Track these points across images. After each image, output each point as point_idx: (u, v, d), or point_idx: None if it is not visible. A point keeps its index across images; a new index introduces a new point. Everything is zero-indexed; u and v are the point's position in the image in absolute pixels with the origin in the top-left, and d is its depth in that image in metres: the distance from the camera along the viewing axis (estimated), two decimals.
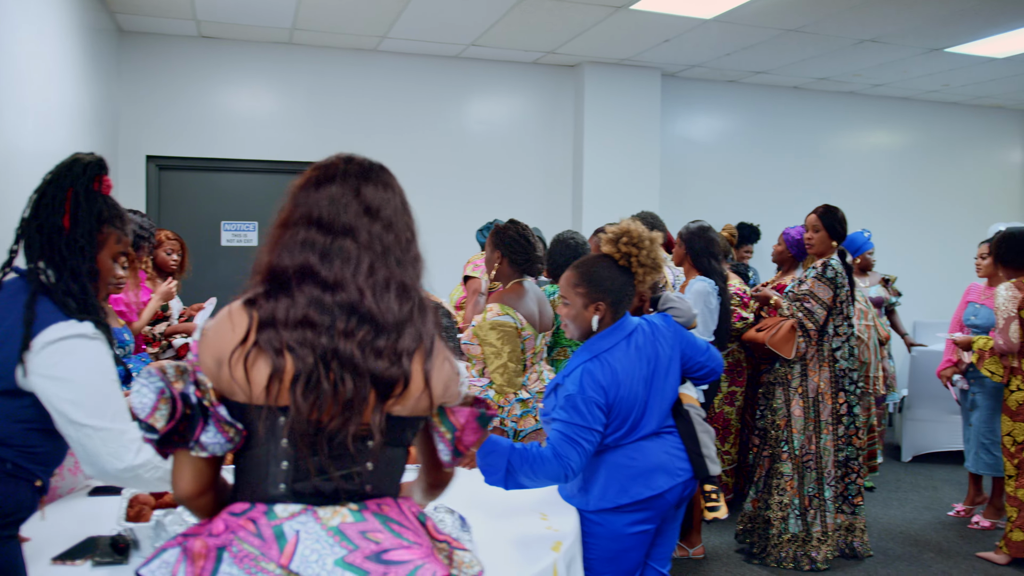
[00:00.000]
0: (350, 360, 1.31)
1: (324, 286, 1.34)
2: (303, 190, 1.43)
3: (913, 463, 6.30)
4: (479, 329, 3.03)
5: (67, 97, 4.45)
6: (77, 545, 2.05)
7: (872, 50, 6.36)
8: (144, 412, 1.27)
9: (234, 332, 1.32)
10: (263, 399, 1.30)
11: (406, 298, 1.39)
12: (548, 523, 2.28)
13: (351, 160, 1.48)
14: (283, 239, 1.39)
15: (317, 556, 1.25)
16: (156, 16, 5.64)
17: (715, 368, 2.65)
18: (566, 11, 5.44)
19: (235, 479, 1.39)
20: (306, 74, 6.47)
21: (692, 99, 7.64)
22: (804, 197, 7.43)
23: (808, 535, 4.00)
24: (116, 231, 1.91)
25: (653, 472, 2.41)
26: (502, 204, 6.79)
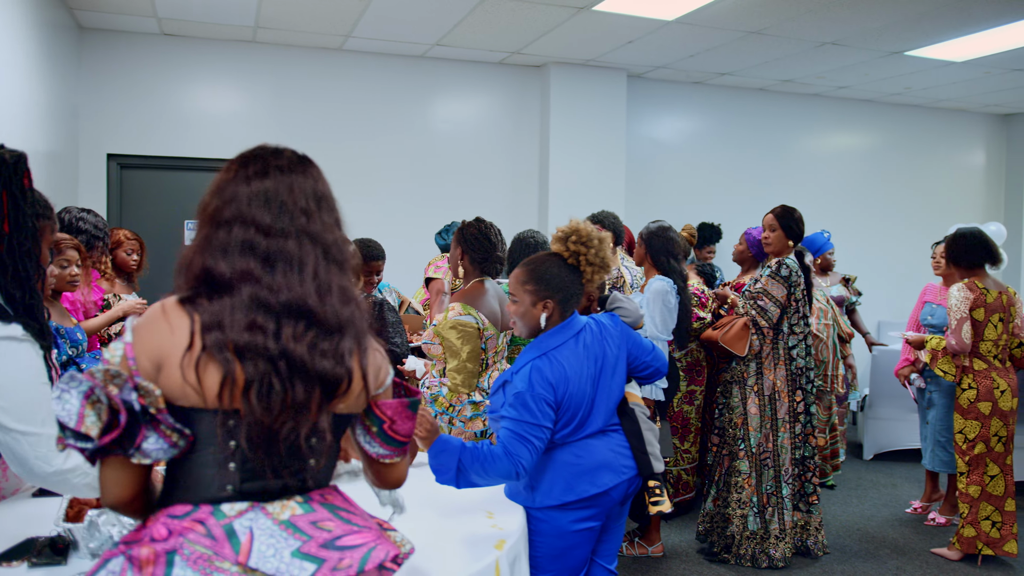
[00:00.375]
0: (300, 363, 1.30)
1: (269, 289, 1.31)
2: (232, 185, 1.38)
3: (874, 461, 6.38)
4: (440, 328, 3.01)
5: (22, 94, 4.39)
6: (15, 546, 2.01)
7: (834, 53, 6.44)
8: (72, 420, 1.20)
9: (173, 334, 1.28)
10: (216, 404, 1.28)
11: (347, 299, 1.38)
12: (494, 521, 2.28)
13: (280, 153, 1.44)
14: (216, 239, 1.34)
15: (274, 550, 1.26)
16: (116, 13, 5.58)
17: (659, 368, 2.67)
18: (528, 12, 5.45)
19: (170, 482, 1.35)
20: (270, 73, 6.44)
21: (658, 100, 7.69)
22: (769, 197, 7.49)
23: (766, 533, 4.04)
24: (49, 223, 1.88)
25: (599, 470, 2.42)
26: (468, 204, 6.79)
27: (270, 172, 1.38)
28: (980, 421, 4.13)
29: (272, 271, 1.32)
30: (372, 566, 1.30)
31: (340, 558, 1.28)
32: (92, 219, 3.88)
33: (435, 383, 3.03)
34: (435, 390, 3.00)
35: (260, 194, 1.35)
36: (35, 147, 4.64)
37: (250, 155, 1.42)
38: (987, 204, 9.35)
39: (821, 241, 5.55)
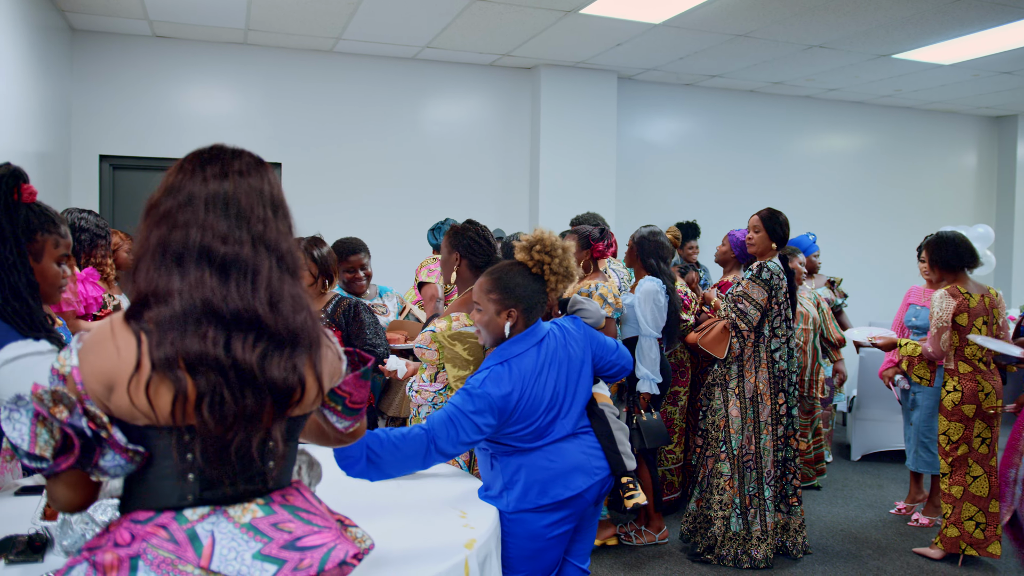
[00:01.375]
0: (251, 375, 1.29)
1: (220, 298, 1.28)
2: (189, 184, 1.34)
3: (862, 462, 6.41)
4: (440, 336, 2.92)
5: (14, 96, 4.42)
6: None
7: (822, 55, 6.48)
8: (24, 442, 1.20)
9: (120, 355, 1.26)
10: (169, 422, 1.27)
11: (299, 307, 1.38)
12: (466, 521, 2.30)
13: (240, 155, 1.41)
14: (170, 243, 1.30)
15: (235, 553, 1.28)
16: (108, 15, 5.61)
17: (625, 365, 2.71)
18: (517, 14, 5.49)
19: (131, 492, 1.35)
20: (261, 74, 6.47)
21: (649, 102, 7.72)
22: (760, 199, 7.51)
23: (748, 534, 4.07)
24: (51, 236, 1.91)
25: (571, 473, 2.45)
26: (459, 205, 6.83)
27: (229, 175, 1.35)
28: (964, 423, 4.16)
29: (225, 280, 1.29)
30: (332, 565, 1.32)
31: (301, 559, 1.30)
32: (93, 219, 3.92)
33: (426, 388, 2.98)
34: (429, 397, 2.95)
35: (218, 198, 1.33)
36: (27, 148, 4.68)
37: (208, 155, 1.38)
38: (978, 205, 9.39)
39: (807, 243, 5.59)
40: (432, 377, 2.98)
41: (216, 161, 1.37)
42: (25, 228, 1.86)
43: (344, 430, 1.57)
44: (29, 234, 1.87)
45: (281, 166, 6.58)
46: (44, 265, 1.90)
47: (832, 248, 7.95)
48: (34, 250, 1.88)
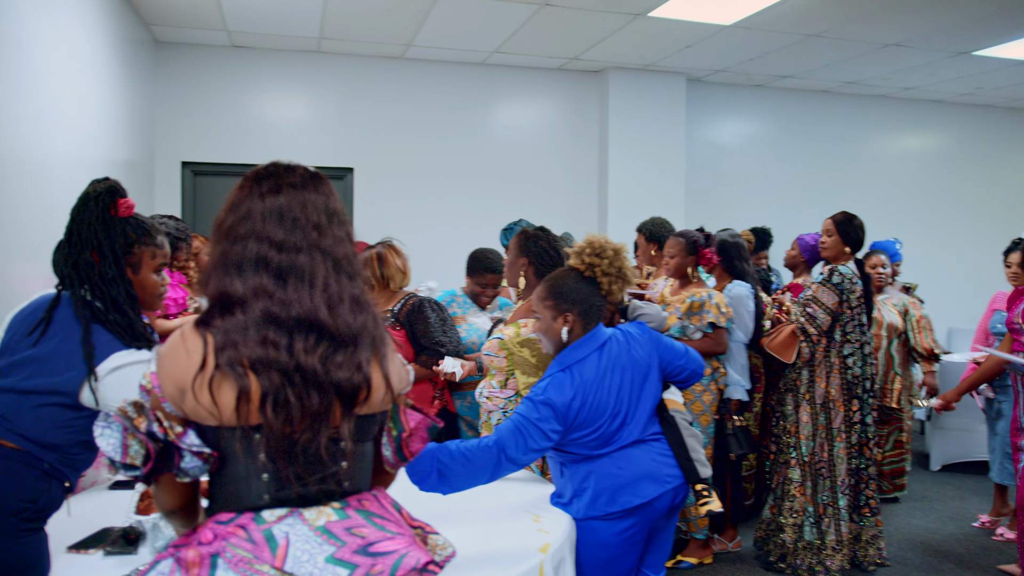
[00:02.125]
0: (314, 375, 1.34)
1: (281, 303, 1.35)
2: (247, 201, 1.42)
3: (942, 472, 6.21)
4: (510, 343, 2.93)
5: (105, 106, 4.62)
6: (91, 535, 2.16)
7: (898, 54, 6.31)
8: (117, 454, 1.29)
9: (189, 359, 1.33)
10: (234, 421, 1.32)
11: (359, 309, 1.43)
12: (540, 525, 2.33)
13: (293, 170, 1.47)
14: (232, 254, 1.38)
15: (308, 556, 1.32)
16: (189, 27, 5.82)
17: (696, 370, 2.66)
18: (585, 19, 5.50)
19: (215, 493, 1.41)
20: (335, 81, 6.62)
21: (718, 103, 7.63)
22: (833, 202, 7.39)
23: (823, 544, 3.99)
24: (148, 248, 1.99)
25: (640, 480, 2.43)
26: (528, 209, 6.85)
27: (283, 189, 1.42)
28: None
29: (284, 285, 1.36)
30: (403, 572, 1.35)
31: (372, 564, 1.33)
32: (173, 224, 4.08)
33: (496, 394, 2.96)
34: (500, 404, 2.94)
35: (274, 210, 1.40)
36: (115, 157, 4.88)
37: (263, 172, 1.46)
38: None
39: (892, 250, 5.43)
40: (502, 384, 2.97)
41: (271, 177, 1.44)
42: (123, 242, 1.94)
43: (384, 460, 1.57)
44: (127, 247, 1.95)
45: (353, 171, 6.71)
46: (143, 276, 1.98)
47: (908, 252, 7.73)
48: (132, 262, 1.96)
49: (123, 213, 1.96)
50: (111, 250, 1.91)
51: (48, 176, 3.41)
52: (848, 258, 4.09)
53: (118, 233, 1.94)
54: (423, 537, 1.51)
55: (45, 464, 1.87)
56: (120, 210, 1.96)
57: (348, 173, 6.74)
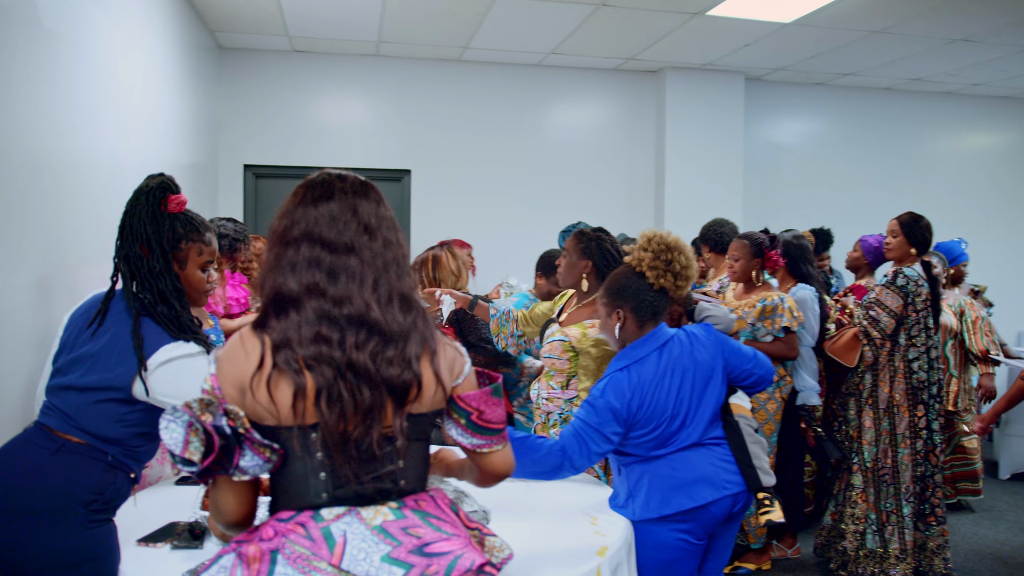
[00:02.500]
0: (365, 371, 1.38)
1: (333, 302, 1.40)
2: (300, 207, 1.47)
3: (1012, 481, 6.02)
4: (577, 343, 2.90)
5: (172, 111, 4.76)
6: (159, 529, 2.23)
7: (965, 49, 6.13)
8: (178, 447, 1.32)
9: (248, 359, 1.38)
10: (291, 419, 1.37)
11: (408, 308, 1.47)
12: (597, 528, 2.32)
13: (344, 178, 1.52)
14: (286, 257, 1.43)
15: (365, 554, 1.34)
16: (252, 33, 5.95)
17: (764, 375, 2.59)
18: (642, 18, 5.46)
19: (276, 492, 1.46)
20: (392, 84, 6.70)
21: (778, 103, 7.52)
22: (896, 202, 7.22)
23: (886, 552, 3.90)
24: (195, 244, 2.05)
25: (695, 483, 2.40)
26: (585, 210, 6.85)
27: (335, 195, 1.47)
28: None
29: (335, 284, 1.40)
30: (458, 573, 1.36)
31: (428, 564, 1.35)
32: (232, 226, 4.19)
33: (557, 395, 2.95)
34: (560, 406, 2.92)
35: (326, 215, 1.45)
36: (181, 160, 5.02)
37: (316, 180, 1.52)
38: None
39: (957, 251, 5.28)
40: (563, 385, 2.95)
41: (323, 184, 1.50)
42: (171, 236, 2.00)
43: (472, 447, 1.58)
44: (175, 242, 2.00)
45: (410, 173, 6.79)
46: (188, 271, 2.03)
47: (976, 253, 7.50)
48: (179, 258, 2.01)
49: (173, 209, 2.02)
50: (159, 244, 1.97)
51: (119, 178, 3.52)
52: (914, 260, 3.99)
53: (166, 228, 2.00)
54: (479, 539, 1.52)
55: (109, 457, 1.94)
56: (171, 206, 2.01)
57: (405, 175, 6.81)
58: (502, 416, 1.58)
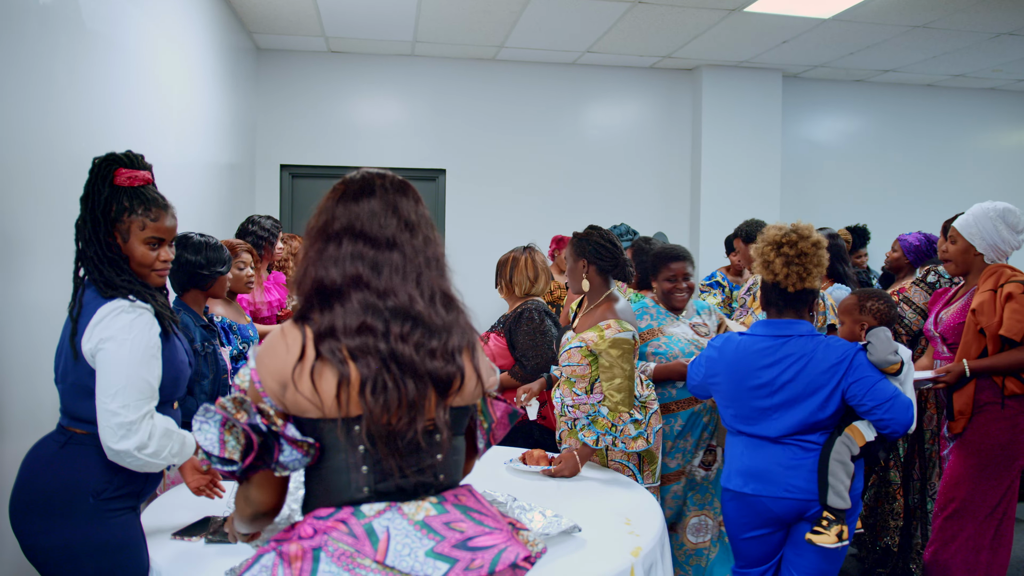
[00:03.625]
0: (409, 362, 1.37)
1: (377, 294, 1.39)
2: (341, 203, 1.47)
3: None
4: (596, 346, 2.87)
5: (210, 111, 4.83)
6: (194, 523, 2.25)
7: (1011, 43, 5.99)
8: (215, 448, 1.31)
9: (289, 352, 1.37)
10: (335, 411, 1.35)
11: (450, 304, 1.47)
12: (631, 528, 2.31)
13: (384, 176, 1.52)
14: (328, 251, 1.43)
15: (409, 550, 1.33)
16: (289, 34, 6.01)
17: (895, 428, 2.44)
18: (679, 15, 5.42)
19: (312, 489, 1.44)
20: (428, 84, 6.72)
21: (816, 100, 7.42)
22: (938, 201, 7.10)
23: (909, 546, 3.89)
24: (138, 219, 2.01)
25: (754, 473, 2.55)
26: (620, 209, 6.83)
27: (376, 191, 1.47)
28: None
29: (379, 277, 1.40)
30: (503, 567, 1.36)
31: (472, 558, 1.35)
32: (270, 222, 4.24)
33: (583, 401, 2.92)
34: (588, 410, 2.88)
35: (367, 211, 1.45)
36: (219, 160, 5.09)
37: (356, 178, 1.52)
38: None
39: None
40: (587, 390, 2.92)
41: (363, 181, 1.50)
42: (115, 209, 1.99)
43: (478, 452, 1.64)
44: (118, 214, 2.00)
45: (445, 172, 6.81)
46: (131, 245, 2.01)
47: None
48: (121, 230, 2.00)
49: (122, 182, 2.01)
50: (96, 213, 1.97)
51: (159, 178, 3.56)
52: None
53: (105, 197, 1.98)
54: (514, 532, 1.52)
55: None
56: (120, 179, 2.00)
57: (440, 175, 6.83)
58: (500, 438, 1.62)
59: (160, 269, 2.09)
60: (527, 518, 2.19)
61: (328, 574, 1.30)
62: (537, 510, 2.24)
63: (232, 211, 5.44)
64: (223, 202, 5.18)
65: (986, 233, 3.29)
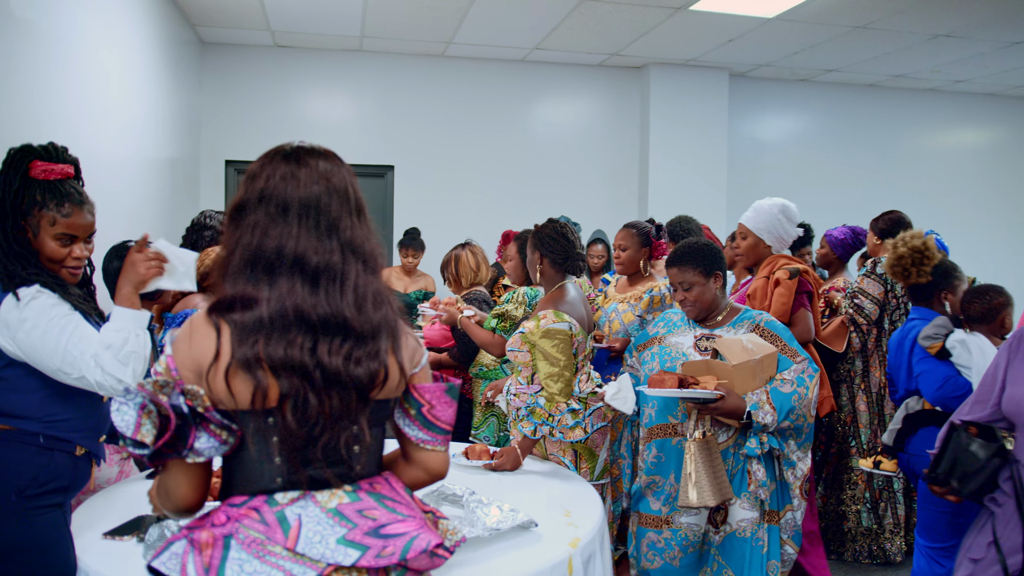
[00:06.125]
0: (335, 374, 1.34)
1: (311, 306, 1.34)
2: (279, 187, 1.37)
3: None
4: (531, 335, 2.92)
5: (151, 106, 4.72)
6: (127, 523, 2.19)
7: (948, 45, 6.16)
8: (129, 430, 1.26)
9: (202, 346, 1.32)
10: (249, 408, 1.32)
11: (380, 302, 1.42)
12: (570, 520, 2.32)
13: (325, 155, 1.44)
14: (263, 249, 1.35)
15: (320, 537, 1.33)
16: (233, 27, 5.91)
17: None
18: (626, 13, 5.46)
19: (228, 477, 1.42)
20: (376, 80, 6.68)
21: (762, 99, 7.53)
22: (880, 198, 7.23)
23: (880, 527, 4.03)
24: (49, 213, 1.97)
25: None
26: (568, 205, 6.86)
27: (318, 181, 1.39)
28: None
29: (316, 287, 1.34)
30: (414, 554, 1.35)
31: (384, 546, 1.34)
32: (217, 215, 4.16)
33: (523, 390, 2.96)
34: (527, 400, 2.91)
35: (311, 207, 1.37)
36: (161, 156, 4.98)
37: (293, 157, 1.41)
38: None
39: None
40: (528, 379, 2.96)
41: (303, 165, 1.40)
42: (25, 201, 1.95)
43: (416, 440, 1.52)
44: (28, 207, 1.96)
45: (394, 169, 6.76)
46: (41, 240, 1.97)
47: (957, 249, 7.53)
48: (31, 224, 1.96)
49: (37, 175, 1.96)
50: (2, 203, 1.94)
51: (96, 174, 3.49)
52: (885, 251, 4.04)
53: (14, 189, 1.94)
54: (433, 521, 1.51)
55: (41, 439, 1.91)
56: (34, 171, 1.96)
57: (389, 171, 6.79)
58: (451, 417, 1.54)
59: (72, 267, 2.03)
60: (484, 512, 2.18)
61: (238, 561, 1.29)
62: (495, 504, 2.24)
63: (175, 207, 5.33)
64: (165, 198, 5.07)
65: (773, 227, 3.65)
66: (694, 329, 2.88)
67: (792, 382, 2.67)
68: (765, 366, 2.68)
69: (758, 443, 2.66)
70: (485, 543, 2.09)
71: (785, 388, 2.66)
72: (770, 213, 3.63)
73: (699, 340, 2.84)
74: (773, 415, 2.61)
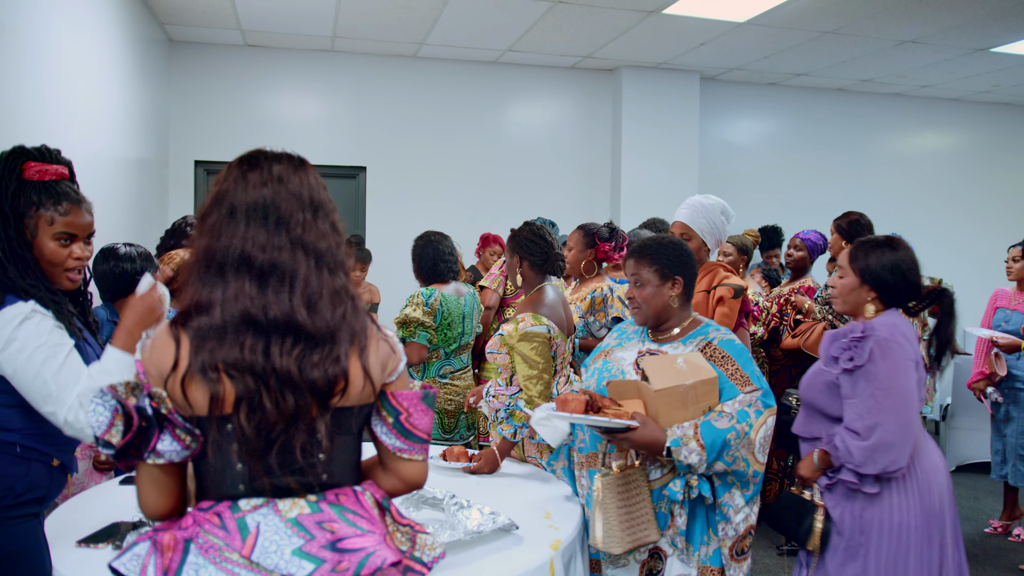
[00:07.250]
0: (288, 377, 1.33)
1: (260, 307, 1.34)
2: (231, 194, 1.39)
3: (956, 473, 6.15)
4: (509, 338, 2.92)
5: (119, 105, 4.65)
6: (101, 530, 2.16)
7: (914, 51, 6.27)
8: (101, 430, 1.29)
9: (163, 356, 1.34)
10: (207, 414, 1.33)
11: (339, 302, 1.40)
12: (551, 522, 2.32)
13: (279, 159, 1.44)
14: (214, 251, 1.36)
15: (276, 547, 1.32)
16: (203, 26, 5.84)
17: None
18: (598, 16, 5.49)
19: (198, 482, 1.42)
20: (347, 80, 6.63)
21: (732, 102, 7.61)
22: (848, 200, 7.34)
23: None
24: (46, 213, 1.93)
25: None
26: (541, 207, 6.87)
27: (269, 183, 1.39)
28: None
29: (264, 288, 1.34)
30: (368, 571, 1.34)
31: (339, 560, 1.32)
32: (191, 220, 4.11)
33: (502, 392, 2.95)
34: (505, 401, 2.91)
35: (258, 207, 1.37)
36: (128, 155, 4.90)
37: (249, 162, 1.43)
38: None
39: None
40: (507, 381, 2.95)
41: (256, 168, 1.41)
42: (22, 203, 1.91)
43: (393, 448, 1.50)
44: (25, 209, 1.91)
45: (365, 170, 6.73)
46: (39, 241, 1.93)
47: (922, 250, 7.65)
48: (29, 225, 1.92)
49: (31, 176, 1.93)
50: (1, 207, 1.89)
51: None
52: None
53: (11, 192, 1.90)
54: (411, 536, 1.48)
55: (17, 448, 1.87)
56: (28, 172, 1.93)
57: (361, 172, 6.75)
58: (429, 426, 1.52)
59: (72, 268, 1.99)
60: (464, 515, 2.17)
61: (195, 566, 1.29)
62: (475, 507, 2.23)
63: (143, 208, 5.25)
64: (132, 198, 4.99)
65: (715, 227, 3.25)
66: (643, 343, 2.47)
67: (732, 416, 2.19)
68: (700, 394, 2.22)
69: (682, 486, 2.22)
70: (466, 546, 2.08)
71: (721, 423, 2.17)
72: (713, 211, 3.22)
73: (641, 356, 2.41)
74: (700, 454, 2.14)
